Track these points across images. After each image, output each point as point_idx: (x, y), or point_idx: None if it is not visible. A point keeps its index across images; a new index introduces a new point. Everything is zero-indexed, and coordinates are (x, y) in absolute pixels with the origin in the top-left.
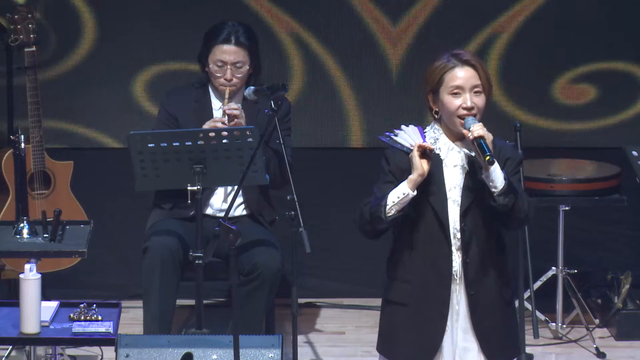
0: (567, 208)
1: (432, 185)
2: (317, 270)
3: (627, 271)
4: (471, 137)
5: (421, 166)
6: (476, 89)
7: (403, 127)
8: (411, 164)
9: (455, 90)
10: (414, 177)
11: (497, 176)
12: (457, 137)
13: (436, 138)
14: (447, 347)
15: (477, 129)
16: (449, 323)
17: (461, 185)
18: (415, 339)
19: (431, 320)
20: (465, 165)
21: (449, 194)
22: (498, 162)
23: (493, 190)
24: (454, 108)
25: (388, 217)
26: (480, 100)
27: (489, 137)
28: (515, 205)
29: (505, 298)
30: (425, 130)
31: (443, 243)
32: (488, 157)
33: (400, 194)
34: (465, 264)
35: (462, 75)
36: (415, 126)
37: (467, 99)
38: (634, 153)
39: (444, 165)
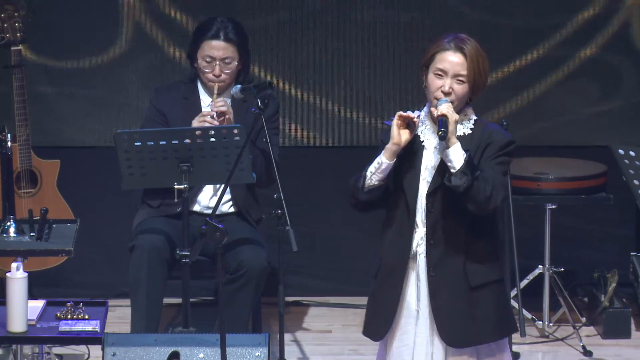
0: (553, 206)
1: (408, 167)
2: (304, 268)
3: (614, 269)
4: (436, 114)
5: (398, 135)
6: (459, 78)
7: (409, 112)
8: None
9: (439, 72)
10: (389, 145)
11: (455, 156)
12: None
13: (422, 121)
14: (422, 328)
15: (443, 108)
16: (422, 305)
17: (435, 166)
18: (375, 313)
19: (387, 298)
20: (441, 148)
21: (423, 175)
22: (479, 146)
23: (451, 170)
24: (433, 88)
25: (366, 186)
26: (460, 89)
27: (452, 117)
28: (471, 188)
29: (471, 284)
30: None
31: (406, 224)
32: (440, 133)
33: (376, 164)
34: (429, 245)
35: (450, 59)
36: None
37: (446, 84)
38: (620, 151)
39: (424, 148)
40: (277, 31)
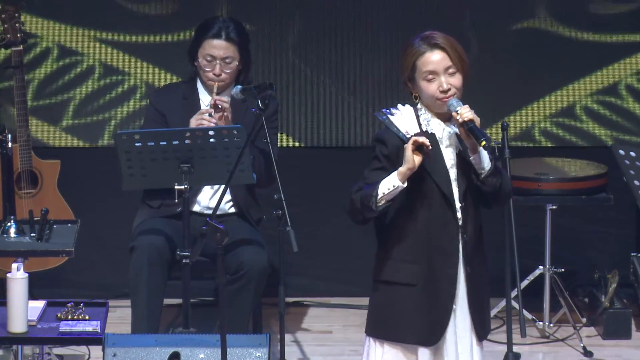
0: (554, 207)
1: (434, 164)
2: (304, 269)
3: (614, 270)
4: (460, 120)
5: (412, 160)
6: (449, 70)
7: (400, 106)
8: (403, 156)
9: (430, 76)
10: (403, 169)
11: (484, 158)
12: (446, 118)
13: (428, 120)
14: (452, 324)
15: (466, 113)
16: (457, 301)
17: (456, 164)
18: (424, 319)
19: (440, 299)
20: (458, 145)
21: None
22: None
23: (481, 171)
24: (431, 92)
25: (378, 207)
26: (456, 81)
27: (477, 119)
28: (501, 185)
29: (486, 278)
30: (419, 113)
31: (450, 222)
32: (484, 142)
33: (390, 186)
34: (465, 242)
35: (433, 59)
36: (412, 106)
37: (442, 82)
38: (621, 152)
39: (440, 143)
40: (284, 30)
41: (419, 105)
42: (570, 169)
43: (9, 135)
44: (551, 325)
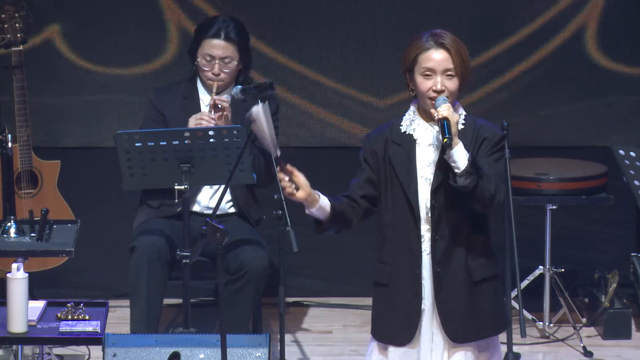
0: (554, 207)
1: (403, 165)
2: (305, 269)
3: (614, 270)
4: (437, 117)
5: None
6: (448, 73)
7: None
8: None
9: (427, 72)
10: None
11: (459, 157)
12: (432, 117)
13: (412, 119)
14: (426, 325)
15: (443, 110)
16: (427, 302)
17: (434, 163)
18: (395, 319)
19: (408, 299)
20: (439, 145)
21: (421, 172)
22: (475, 142)
23: (456, 170)
24: (424, 89)
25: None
26: (451, 84)
27: (453, 118)
28: (477, 187)
29: (473, 279)
30: (403, 115)
31: (412, 223)
32: (445, 140)
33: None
34: (434, 241)
35: (435, 57)
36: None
37: (437, 82)
38: (621, 152)
39: (417, 144)
40: (282, 33)
41: (412, 106)
42: (570, 169)
43: (9, 135)
44: (551, 325)
